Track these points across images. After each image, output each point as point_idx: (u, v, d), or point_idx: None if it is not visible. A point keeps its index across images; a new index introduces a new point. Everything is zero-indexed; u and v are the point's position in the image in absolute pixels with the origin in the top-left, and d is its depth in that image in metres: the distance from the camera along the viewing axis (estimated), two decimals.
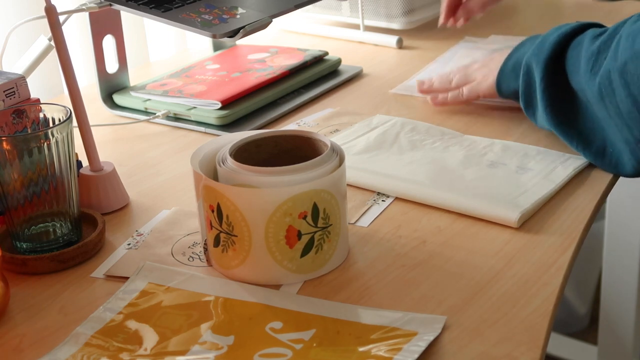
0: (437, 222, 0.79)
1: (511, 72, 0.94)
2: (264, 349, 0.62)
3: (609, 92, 0.78)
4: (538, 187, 0.82)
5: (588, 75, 0.81)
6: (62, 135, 0.73)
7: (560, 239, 0.75)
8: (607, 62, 0.79)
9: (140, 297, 0.69)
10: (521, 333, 0.63)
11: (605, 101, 0.79)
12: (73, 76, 0.81)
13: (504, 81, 0.95)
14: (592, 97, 0.81)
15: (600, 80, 0.79)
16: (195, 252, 0.76)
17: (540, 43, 0.89)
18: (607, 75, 0.78)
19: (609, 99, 0.78)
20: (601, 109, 0.80)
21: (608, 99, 0.78)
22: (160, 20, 1.00)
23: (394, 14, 1.35)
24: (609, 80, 0.78)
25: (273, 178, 0.68)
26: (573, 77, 0.85)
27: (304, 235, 0.69)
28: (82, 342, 0.64)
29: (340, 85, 1.17)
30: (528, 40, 0.96)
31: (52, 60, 1.10)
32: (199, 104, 1.04)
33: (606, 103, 0.79)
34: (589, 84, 0.81)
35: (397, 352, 0.60)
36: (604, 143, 0.83)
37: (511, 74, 0.94)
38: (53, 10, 0.80)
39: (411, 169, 0.87)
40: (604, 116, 0.81)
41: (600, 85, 0.79)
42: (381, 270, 0.72)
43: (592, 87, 0.81)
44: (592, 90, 0.81)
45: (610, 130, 0.82)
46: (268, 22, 1.03)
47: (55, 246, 0.75)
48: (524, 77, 0.90)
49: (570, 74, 0.85)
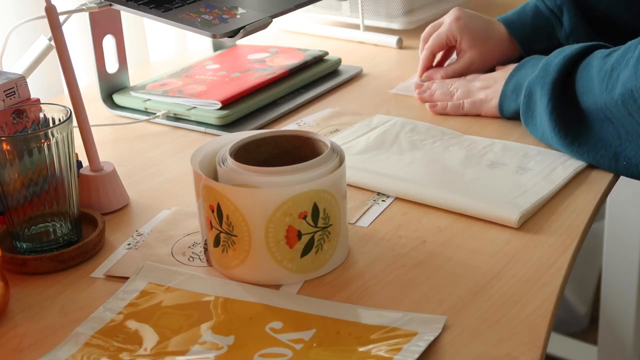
0: (437, 222, 0.79)
1: (512, 94, 0.96)
2: (264, 349, 0.62)
3: (635, 109, 0.80)
4: (538, 188, 0.82)
5: (605, 93, 0.83)
6: (62, 135, 0.73)
7: (560, 239, 0.75)
8: (628, 81, 0.80)
9: (140, 297, 0.69)
10: (521, 333, 0.63)
11: (635, 116, 0.80)
12: (73, 76, 0.81)
13: (505, 103, 0.98)
14: (617, 113, 0.82)
15: (623, 98, 0.80)
16: (195, 252, 0.76)
17: (545, 66, 0.90)
18: (630, 94, 0.79)
19: (638, 114, 0.80)
20: (629, 123, 0.81)
21: (637, 114, 0.80)
22: (160, 20, 1.00)
23: (394, 14, 1.35)
24: (633, 99, 0.79)
25: (273, 178, 0.68)
26: (586, 98, 0.85)
27: (304, 236, 0.69)
28: (82, 342, 0.64)
29: (340, 85, 1.17)
30: (528, 61, 0.98)
31: (52, 60, 1.10)
32: (199, 104, 1.04)
33: (636, 117, 0.80)
34: (608, 103, 0.82)
35: (397, 352, 0.60)
36: (616, 157, 0.84)
37: (512, 96, 0.96)
38: (53, 10, 0.80)
39: (411, 169, 0.87)
40: (631, 129, 0.82)
41: (624, 103, 0.80)
42: (381, 270, 0.72)
43: (612, 105, 0.82)
44: (616, 107, 0.82)
45: (629, 145, 0.82)
46: (268, 22, 1.03)
47: (55, 246, 0.75)
48: (525, 99, 0.92)
49: (582, 95, 0.86)
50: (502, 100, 0.98)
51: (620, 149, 0.83)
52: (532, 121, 0.91)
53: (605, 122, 0.84)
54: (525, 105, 0.92)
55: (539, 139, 0.92)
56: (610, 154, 0.84)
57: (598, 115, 0.84)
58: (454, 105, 1.02)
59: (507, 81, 0.98)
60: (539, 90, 0.89)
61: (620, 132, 0.82)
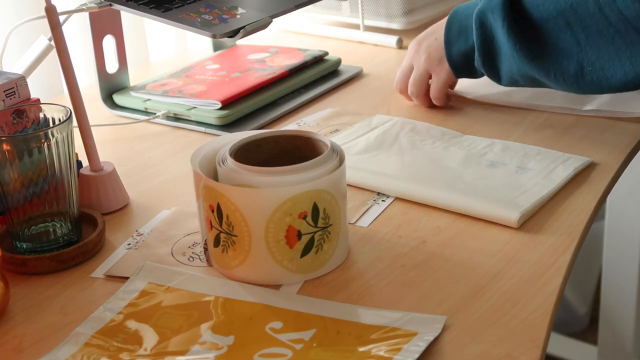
0: (437, 222, 0.79)
1: (459, 37, 0.95)
2: (264, 349, 0.62)
3: (607, 1, 0.79)
4: (538, 187, 0.82)
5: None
6: (62, 135, 0.73)
7: (560, 239, 0.75)
8: None
9: (140, 297, 0.69)
10: (521, 333, 0.63)
11: (605, 10, 0.79)
12: (73, 76, 0.81)
13: (453, 48, 0.96)
14: (583, 12, 0.81)
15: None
16: (195, 252, 0.76)
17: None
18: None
19: (609, 7, 0.79)
20: (599, 21, 0.80)
21: (608, 8, 0.79)
22: (160, 20, 1.00)
23: (394, 14, 1.35)
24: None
25: (273, 178, 0.68)
26: (542, 8, 0.84)
27: (304, 235, 0.69)
28: (82, 342, 0.64)
29: (340, 85, 1.17)
30: (462, 6, 0.96)
31: (52, 60, 1.10)
32: (199, 104, 1.04)
33: (605, 12, 0.79)
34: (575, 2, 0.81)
35: (397, 352, 0.60)
36: (581, 64, 0.83)
37: (460, 38, 0.95)
38: (53, 10, 0.80)
39: (411, 169, 0.87)
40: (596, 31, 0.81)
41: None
42: (381, 270, 0.72)
43: (581, 3, 0.81)
44: (585, 4, 0.81)
45: (591, 48, 0.82)
46: (268, 22, 1.03)
47: (55, 246, 0.75)
48: (478, 30, 0.90)
49: (538, 5, 0.85)
50: (448, 47, 0.96)
51: (582, 55, 0.83)
52: (492, 50, 0.90)
53: (563, 31, 0.83)
54: (481, 37, 0.90)
55: (501, 73, 0.90)
56: (574, 62, 0.83)
57: (557, 24, 0.84)
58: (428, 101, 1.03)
59: (448, 29, 0.96)
60: (490, 15, 0.88)
61: (580, 38, 0.82)
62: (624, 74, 0.82)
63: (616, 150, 0.90)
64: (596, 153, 0.89)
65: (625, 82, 0.82)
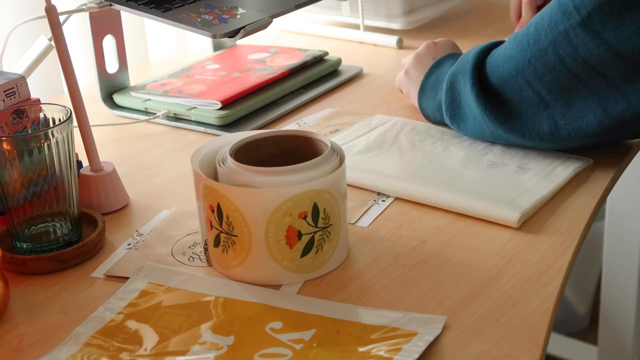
0: (437, 222, 0.79)
1: (431, 90, 0.97)
2: (264, 349, 0.62)
3: (569, 51, 0.79)
4: (538, 187, 0.82)
5: (528, 50, 0.82)
6: (62, 135, 0.73)
7: (560, 239, 0.75)
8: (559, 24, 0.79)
9: (140, 297, 0.69)
10: (521, 333, 0.63)
11: (566, 61, 0.79)
12: (73, 76, 0.82)
13: (424, 99, 0.98)
14: (543, 66, 0.81)
15: (555, 44, 0.80)
16: (196, 252, 0.76)
17: (462, 59, 0.91)
18: (565, 35, 0.79)
19: (571, 58, 0.79)
20: (560, 73, 0.80)
21: (570, 58, 0.79)
22: (160, 20, 1.00)
23: (394, 14, 1.35)
24: (567, 40, 0.79)
25: (273, 178, 0.68)
26: (502, 68, 0.85)
27: (304, 236, 0.69)
28: (82, 342, 0.64)
29: (340, 85, 1.17)
30: (445, 59, 0.98)
31: (52, 60, 1.10)
32: (199, 104, 1.04)
33: (567, 63, 0.79)
34: (533, 57, 0.82)
35: (397, 352, 0.60)
36: (553, 119, 0.83)
37: (431, 92, 0.96)
38: (53, 10, 0.80)
39: (411, 169, 0.87)
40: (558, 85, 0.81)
41: (556, 48, 0.80)
42: (381, 270, 0.72)
43: (539, 57, 0.81)
44: (544, 58, 0.81)
45: (557, 102, 0.82)
46: (268, 22, 1.03)
47: (55, 246, 0.75)
48: (447, 92, 0.91)
49: (497, 67, 0.86)
50: (421, 95, 0.98)
51: (550, 110, 0.82)
52: (460, 113, 0.90)
53: (525, 89, 0.83)
54: (449, 99, 0.91)
55: (469, 134, 0.91)
56: (545, 119, 0.83)
57: (516, 83, 0.84)
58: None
59: (426, 77, 0.98)
60: (461, 79, 0.89)
61: (542, 94, 0.82)
62: (599, 121, 0.81)
63: (616, 150, 0.90)
64: (596, 153, 0.89)
65: (603, 128, 0.81)
